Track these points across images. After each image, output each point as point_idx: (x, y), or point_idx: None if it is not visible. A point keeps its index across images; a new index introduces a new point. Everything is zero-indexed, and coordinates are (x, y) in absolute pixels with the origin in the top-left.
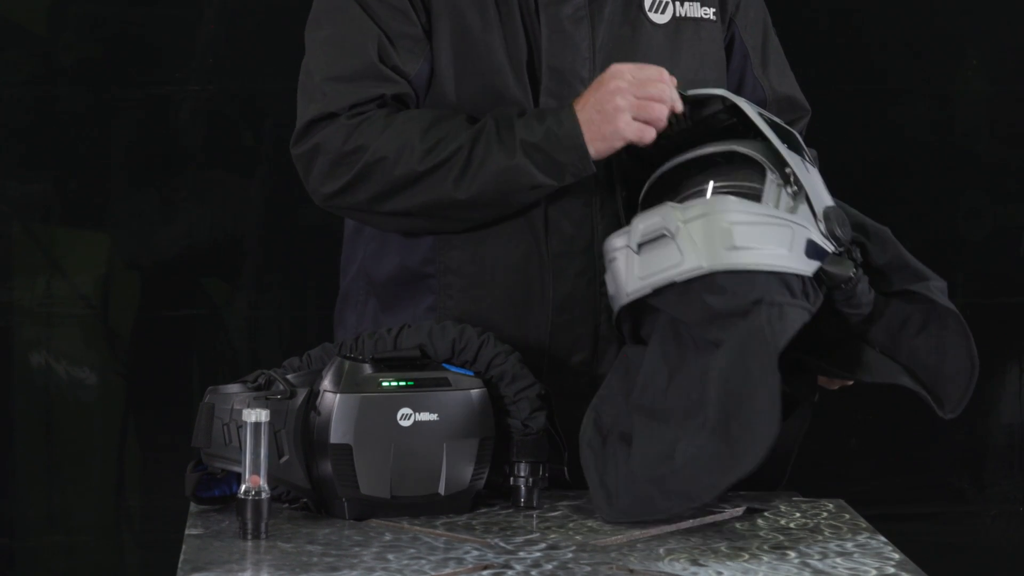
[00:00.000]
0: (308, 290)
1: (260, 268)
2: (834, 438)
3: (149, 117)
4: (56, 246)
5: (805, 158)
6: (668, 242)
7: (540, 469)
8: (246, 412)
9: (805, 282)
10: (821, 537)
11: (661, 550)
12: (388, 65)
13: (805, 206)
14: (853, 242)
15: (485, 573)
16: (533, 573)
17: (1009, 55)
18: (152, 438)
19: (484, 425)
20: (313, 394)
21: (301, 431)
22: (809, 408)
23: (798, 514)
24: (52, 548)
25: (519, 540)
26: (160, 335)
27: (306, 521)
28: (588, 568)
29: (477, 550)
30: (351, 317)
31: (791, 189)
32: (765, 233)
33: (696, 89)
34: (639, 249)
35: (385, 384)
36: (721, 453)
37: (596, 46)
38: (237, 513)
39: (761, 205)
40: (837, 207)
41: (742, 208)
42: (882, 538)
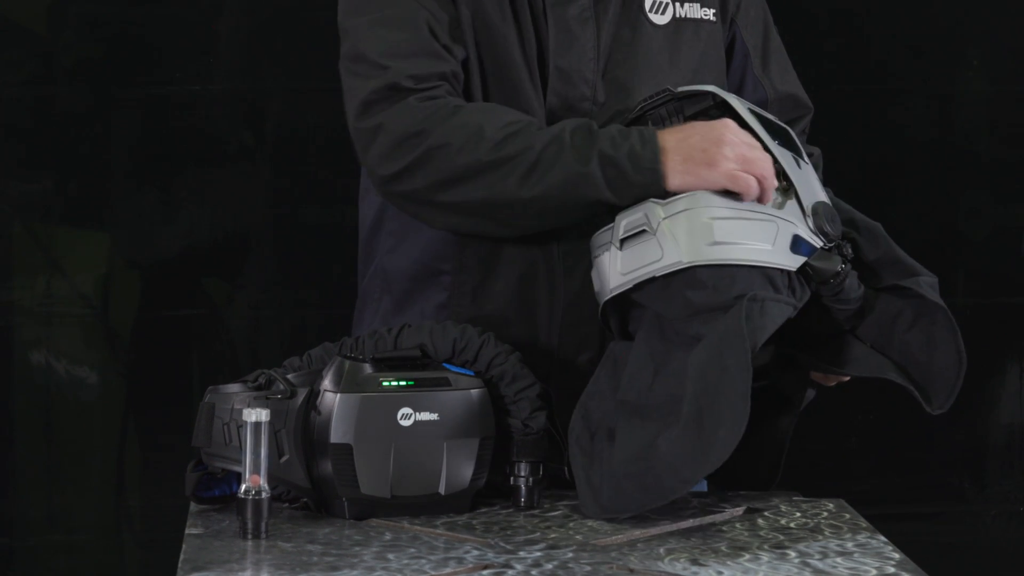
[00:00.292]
0: (308, 290)
1: (260, 268)
2: (834, 438)
3: (149, 117)
4: (56, 246)
5: (799, 154)
6: (649, 238)
7: (540, 469)
8: (246, 412)
9: (791, 277)
10: (821, 537)
11: (661, 550)
12: (440, 44)
13: (793, 202)
14: (843, 237)
15: (485, 573)
16: (533, 573)
17: (1009, 55)
18: (152, 438)
19: (484, 425)
20: (313, 394)
21: (301, 431)
22: (799, 403)
23: (798, 514)
24: (52, 548)
25: (519, 540)
26: (160, 335)
27: (306, 521)
28: (588, 568)
29: (477, 550)
30: (369, 316)
31: (779, 184)
32: (747, 228)
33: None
34: (621, 245)
35: (385, 384)
36: (694, 447)
37: (600, 47)
38: (237, 513)
39: (745, 200)
40: (827, 203)
41: (724, 204)
42: (882, 538)
